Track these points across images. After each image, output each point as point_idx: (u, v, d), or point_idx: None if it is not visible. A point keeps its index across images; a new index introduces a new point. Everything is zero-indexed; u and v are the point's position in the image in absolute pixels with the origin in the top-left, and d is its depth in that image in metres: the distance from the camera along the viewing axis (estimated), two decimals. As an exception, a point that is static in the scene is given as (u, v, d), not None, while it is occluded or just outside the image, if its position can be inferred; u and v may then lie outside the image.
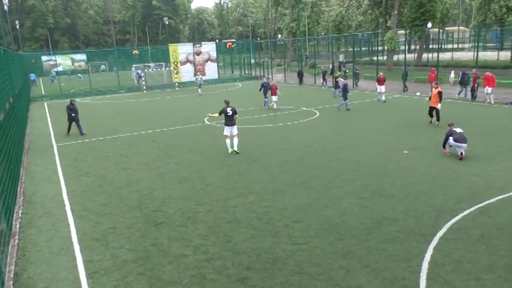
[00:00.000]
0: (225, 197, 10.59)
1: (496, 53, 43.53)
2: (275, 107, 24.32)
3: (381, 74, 25.92)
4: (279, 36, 66.71)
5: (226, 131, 14.72)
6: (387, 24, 57.24)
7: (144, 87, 40.16)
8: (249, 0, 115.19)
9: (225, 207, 9.89)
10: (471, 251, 7.31)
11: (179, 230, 8.77)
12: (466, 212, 8.89)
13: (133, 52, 62.16)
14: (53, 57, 63.57)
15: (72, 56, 71.83)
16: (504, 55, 40.90)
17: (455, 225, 8.31)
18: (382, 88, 25.24)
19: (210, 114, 15.54)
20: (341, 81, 24.27)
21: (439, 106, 17.22)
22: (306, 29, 63.34)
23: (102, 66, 69.12)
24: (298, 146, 15.47)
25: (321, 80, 35.92)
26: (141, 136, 19.01)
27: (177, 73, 42.65)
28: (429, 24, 41.85)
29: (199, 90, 35.18)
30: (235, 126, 14.73)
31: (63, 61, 68.18)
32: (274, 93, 24.29)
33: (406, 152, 13.88)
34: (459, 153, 12.70)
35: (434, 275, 6.61)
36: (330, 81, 35.93)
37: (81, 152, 16.42)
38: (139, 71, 45.02)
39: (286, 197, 10.32)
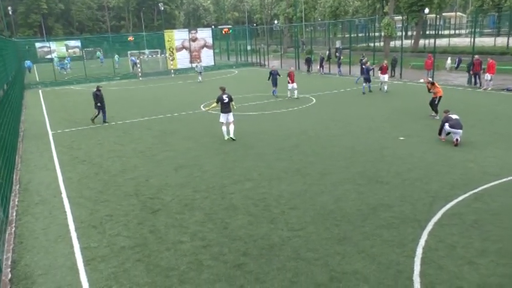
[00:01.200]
0: (222, 184, 10.62)
1: (493, 39, 43.41)
2: (295, 96, 22.98)
3: (384, 62, 24.59)
4: (276, 22, 66.09)
5: (222, 118, 14.71)
6: (384, 10, 56.79)
7: (140, 74, 39.88)
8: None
9: (222, 194, 9.93)
10: (465, 236, 7.40)
11: (176, 217, 8.81)
12: (460, 198, 8.97)
13: (129, 38, 61.56)
14: (47, 44, 62.82)
15: (67, 42, 70.98)
16: (501, 41, 40.82)
17: (450, 211, 8.39)
18: (385, 77, 23.94)
19: (207, 109, 15.27)
20: (367, 64, 24.42)
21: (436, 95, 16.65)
22: (302, 15, 62.80)
23: (98, 53, 68.34)
24: (294, 133, 15.47)
25: (318, 67, 35.78)
26: (136, 123, 18.93)
27: (172, 60, 42.32)
28: (426, 10, 41.62)
29: (200, 78, 34.53)
30: (231, 114, 14.71)
31: (58, 47, 67.41)
32: (292, 81, 22.90)
33: (402, 138, 13.93)
34: (454, 140, 12.76)
35: (428, 260, 6.70)
36: (326, 68, 35.87)
37: (76, 140, 16.36)
38: (134, 58, 44.60)
39: (282, 184, 10.37)
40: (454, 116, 12.96)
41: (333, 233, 7.75)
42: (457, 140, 12.73)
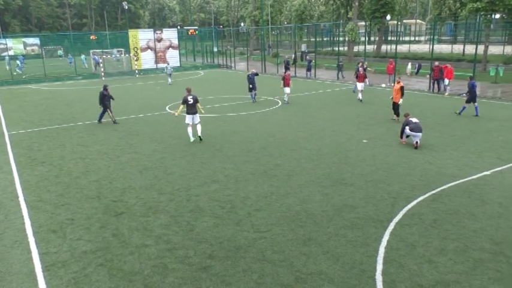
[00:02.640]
0: (188, 186, 10.51)
1: (450, 46, 45.36)
2: (286, 100, 22.10)
3: (360, 69, 22.78)
4: (242, 24, 66.27)
5: (188, 119, 14.59)
6: (348, 16, 58.23)
7: (103, 74, 38.87)
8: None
9: (188, 196, 9.82)
10: (424, 235, 7.67)
11: (140, 220, 8.64)
12: (420, 199, 9.30)
13: (91, 37, 59.91)
14: (3, 41, 60.11)
15: (25, 39, 68.25)
16: (457, 48, 42.69)
17: (410, 211, 8.68)
18: (362, 85, 22.27)
19: (177, 113, 15.09)
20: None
21: (400, 101, 16.76)
22: (268, 18, 63.29)
23: (59, 51, 66.06)
24: (261, 135, 15.54)
25: (283, 70, 36.12)
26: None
27: (137, 60, 41.54)
28: (388, 17, 43.01)
29: (169, 80, 32.94)
30: (197, 115, 14.62)
31: (15, 45, 64.66)
32: (287, 84, 22.00)
33: (365, 141, 14.28)
34: (414, 142, 13.22)
35: (390, 259, 6.90)
36: (292, 71, 36.24)
37: (36, 141, 15.73)
38: (96, 57, 43.42)
39: (249, 186, 10.38)
40: (414, 120, 13.43)
41: (298, 234, 7.83)
42: (416, 142, 13.18)
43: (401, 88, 16.77)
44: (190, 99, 14.39)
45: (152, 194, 10.07)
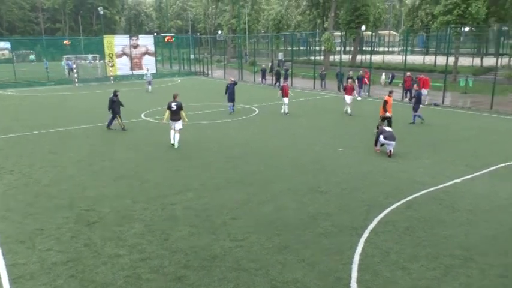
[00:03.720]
0: (163, 194, 10.37)
1: (422, 57, 46.61)
2: (286, 111, 21.25)
3: (349, 81, 21.61)
4: (219, 32, 66.35)
5: (171, 125, 14.76)
6: (324, 26, 59.15)
7: (76, 80, 38.09)
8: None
9: (163, 205, 9.68)
10: (398, 242, 7.79)
11: (114, 230, 8.45)
12: (393, 206, 9.45)
13: (64, 42, 58.73)
14: (-28, 45, 58.30)
15: (-6, 43, 66.29)
16: (429, 59, 43.92)
17: (384, 219, 8.81)
18: (350, 98, 21.15)
19: (164, 120, 15.22)
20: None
21: (387, 114, 16.03)
22: (246, 27, 63.64)
23: (31, 56, 64.35)
24: (237, 143, 15.52)
25: (260, 78, 36.36)
26: (73, 131, 18.02)
27: (112, 66, 40.94)
28: (363, 27, 43.91)
29: (149, 87, 31.96)
30: (179, 122, 14.68)
31: (-16, 49, 62.77)
32: (286, 95, 21.27)
33: (340, 149, 14.45)
34: (388, 151, 13.47)
35: (364, 266, 6.97)
36: (269, 79, 36.50)
37: (3, 148, 15.22)
38: (70, 62, 42.55)
39: (225, 194, 10.33)
40: (388, 129, 13.71)
41: (274, 243, 7.82)
42: (390, 151, 13.44)
43: (384, 102, 16.17)
44: (174, 106, 14.46)
45: (126, 202, 9.88)
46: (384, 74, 34.97)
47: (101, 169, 12.54)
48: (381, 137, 13.61)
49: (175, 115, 14.52)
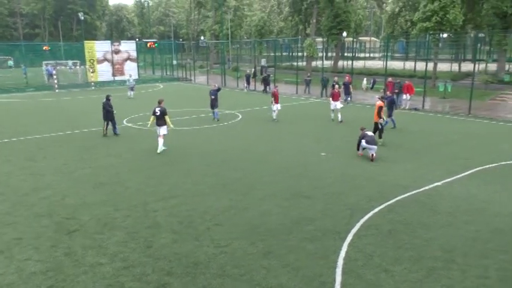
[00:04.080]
0: (145, 201, 10.24)
1: (402, 62, 47.42)
2: (274, 117, 21.03)
3: (336, 87, 21.15)
4: (202, 38, 66.29)
5: (157, 130, 14.84)
6: (306, 32, 59.73)
7: (56, 86, 37.47)
8: (170, 0, 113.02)
9: (145, 212, 9.56)
10: (381, 245, 7.86)
11: (95, 238, 8.29)
12: (376, 210, 9.54)
13: (44, 48, 57.74)
14: None
15: (-29, 49, 64.77)
16: (409, 65, 44.70)
17: (367, 222, 8.88)
18: (337, 104, 20.48)
19: (148, 125, 15.51)
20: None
21: (380, 121, 15.62)
22: (228, 32, 63.75)
23: (9, 62, 63.02)
24: (220, 148, 15.47)
25: (244, 84, 36.42)
26: (52, 138, 17.69)
27: (93, 72, 40.44)
28: (344, 33, 44.46)
29: (131, 93, 31.53)
30: (163, 127, 14.73)
31: (-40, 54, 61.25)
32: (277, 101, 20.92)
33: (323, 154, 14.54)
34: (370, 155, 13.62)
35: (348, 270, 7.00)
36: (252, 85, 36.58)
37: (-19, 156, 14.83)
38: (50, 68, 41.85)
39: (208, 200, 10.26)
40: (370, 133, 13.88)
41: (258, 248, 7.80)
42: (372, 155, 13.59)
43: (379, 108, 15.58)
44: (158, 111, 14.57)
45: (107, 210, 9.72)
46: (365, 79, 35.42)
47: (82, 176, 12.33)
48: (363, 142, 13.75)
49: (159, 120, 14.63)
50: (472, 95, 23.19)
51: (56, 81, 37.68)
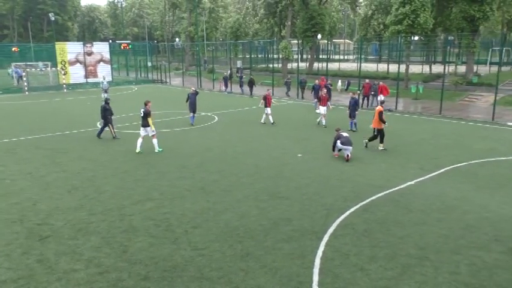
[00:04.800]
0: (121, 205, 10.08)
1: (375, 64, 48.36)
2: (271, 121, 20.58)
3: (324, 91, 20.79)
4: (177, 39, 65.81)
5: (141, 131, 15.11)
6: (282, 34, 60.13)
7: (26, 89, 36.42)
8: (144, 1, 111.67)
9: (121, 216, 9.40)
10: (357, 244, 7.99)
11: (68, 244, 8.10)
12: (352, 210, 9.69)
13: (13, 49, 56.02)
14: None
15: None
16: (382, 67, 45.63)
17: (343, 222, 9.00)
18: (324, 109, 20.19)
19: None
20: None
21: (385, 125, 15.20)
22: (204, 34, 63.53)
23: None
24: (197, 150, 15.39)
25: (223, 86, 36.35)
26: (23, 142, 17.19)
27: (65, 74, 39.51)
28: (319, 36, 45.00)
29: (105, 95, 29.70)
30: (147, 128, 14.90)
31: None
32: (269, 105, 20.60)
33: (300, 155, 14.66)
34: (346, 156, 13.82)
35: (325, 270, 7.08)
36: (231, 87, 36.53)
37: None
38: (19, 70, 40.66)
39: (185, 203, 10.19)
40: (345, 134, 14.08)
41: (236, 250, 7.79)
42: (348, 155, 13.80)
43: (380, 113, 15.11)
44: (141, 112, 14.91)
45: (82, 214, 9.52)
46: (340, 81, 35.93)
47: (54, 181, 12.02)
48: (338, 142, 13.95)
49: (143, 121, 14.91)
50: (443, 96, 23.88)
51: (25, 83, 36.64)
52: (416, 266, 7.21)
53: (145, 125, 14.88)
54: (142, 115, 14.89)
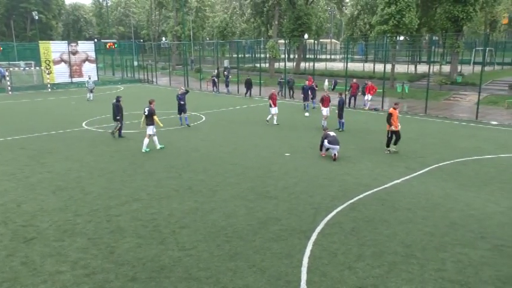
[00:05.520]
0: (107, 205, 9.97)
1: (362, 64, 48.72)
2: (275, 122, 20.28)
3: (326, 92, 20.17)
4: (164, 39, 65.39)
5: (147, 129, 15.16)
6: (269, 33, 60.21)
7: (10, 88, 35.81)
8: (130, 0, 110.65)
9: (107, 217, 9.31)
10: (344, 243, 8.04)
11: (54, 245, 7.99)
12: (339, 208, 9.75)
13: (-5, 48, 54.98)
14: None
15: None
16: (368, 66, 46.00)
17: (331, 221, 9.06)
18: (327, 111, 19.33)
19: (141, 126, 15.74)
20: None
21: (392, 128, 14.71)
22: (191, 33, 63.24)
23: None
24: (184, 150, 15.31)
25: (212, 86, 36.17)
26: (6, 142, 16.89)
27: (49, 73, 38.93)
28: (306, 36, 45.18)
29: (90, 96, 30.29)
30: (150, 126, 15.05)
31: None
32: (274, 104, 20.24)
33: (287, 154, 14.70)
34: (333, 155, 13.90)
35: (313, 268, 7.11)
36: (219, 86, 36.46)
37: None
38: (2, 70, 39.95)
39: (172, 203, 10.13)
40: (332, 133, 14.17)
41: (224, 250, 7.78)
42: (335, 155, 13.88)
43: (389, 114, 14.74)
44: (146, 111, 14.96)
45: (67, 216, 9.39)
46: (326, 80, 36.06)
47: (39, 181, 11.84)
48: (325, 142, 14.02)
49: (147, 120, 15.02)
50: (428, 95, 24.19)
51: (9, 83, 36.01)
52: (402, 263, 7.29)
53: (150, 123, 15.04)
54: (146, 114, 14.97)
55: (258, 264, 7.26)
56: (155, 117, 15.06)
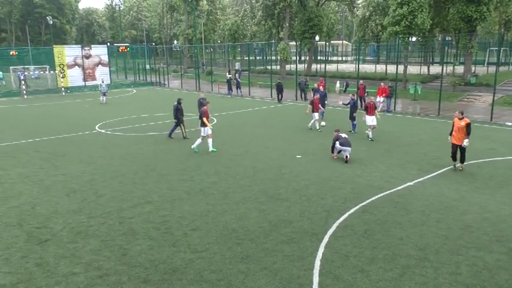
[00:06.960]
0: (120, 208, 10.06)
1: (373, 65, 48.41)
2: (318, 127, 19.17)
3: (371, 98, 18.09)
4: (175, 42, 65.81)
5: (201, 131, 15.56)
6: (280, 36, 60.19)
7: (25, 92, 36.40)
8: (142, 4, 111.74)
9: (120, 219, 9.39)
10: (356, 246, 7.98)
11: (68, 247, 8.08)
12: (352, 211, 9.68)
13: (11, 53, 55.98)
14: None
15: None
16: (380, 68, 45.69)
17: (343, 223, 9.00)
18: (373, 119, 17.28)
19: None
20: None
21: (465, 143, 12.41)
22: (202, 37, 63.56)
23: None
24: (195, 153, 15.36)
25: (227, 89, 36.09)
26: (22, 146, 17.16)
27: (63, 77, 39.49)
28: (317, 37, 45.06)
29: (103, 99, 30.58)
30: (202, 128, 15.38)
31: None
32: (317, 109, 18.99)
33: (299, 156, 14.66)
34: (345, 157, 13.82)
35: (325, 271, 7.07)
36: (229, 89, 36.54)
37: None
38: (20, 74, 40.67)
39: (184, 205, 10.17)
40: (344, 135, 14.08)
41: (235, 252, 7.78)
42: (347, 157, 13.80)
43: (468, 125, 12.48)
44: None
45: (81, 218, 9.50)
46: (338, 82, 35.94)
47: (53, 184, 12.00)
48: (337, 144, 13.94)
49: (200, 122, 15.43)
50: (441, 96, 23.89)
51: (24, 87, 36.63)
52: (416, 267, 7.20)
53: (202, 125, 15.33)
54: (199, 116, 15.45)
55: (270, 266, 7.25)
56: (205, 120, 15.24)
